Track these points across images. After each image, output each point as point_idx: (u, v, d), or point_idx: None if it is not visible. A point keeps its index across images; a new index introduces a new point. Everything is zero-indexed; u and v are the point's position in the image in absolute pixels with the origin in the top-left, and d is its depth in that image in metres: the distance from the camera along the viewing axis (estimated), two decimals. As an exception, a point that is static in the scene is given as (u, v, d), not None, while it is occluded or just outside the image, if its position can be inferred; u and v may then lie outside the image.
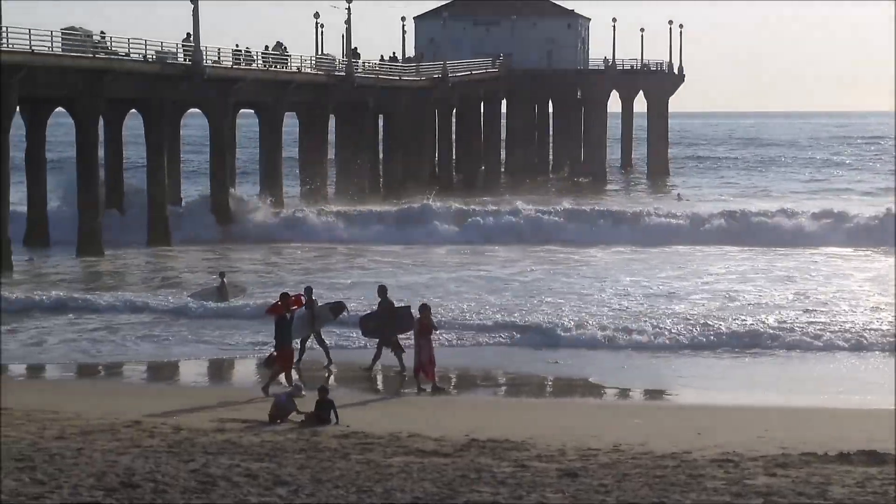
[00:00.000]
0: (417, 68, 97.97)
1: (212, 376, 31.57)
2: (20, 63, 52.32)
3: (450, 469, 17.93)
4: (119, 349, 34.32)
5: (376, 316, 31.16)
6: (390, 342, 30.34)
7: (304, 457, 18.75)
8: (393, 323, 30.45)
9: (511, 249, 59.32)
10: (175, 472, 16.88)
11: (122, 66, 59.55)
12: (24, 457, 17.64)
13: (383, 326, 30.59)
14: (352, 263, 54.90)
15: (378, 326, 30.81)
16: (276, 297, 30.00)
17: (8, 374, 31.19)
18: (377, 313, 31.22)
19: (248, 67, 71.77)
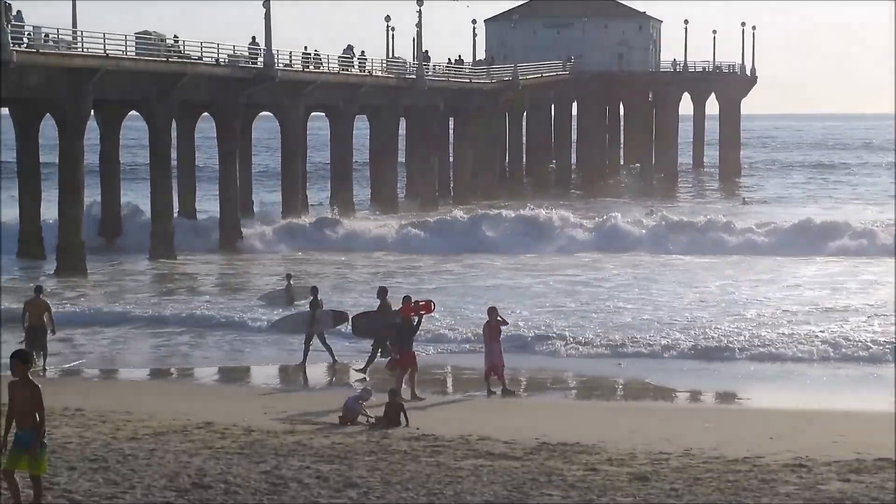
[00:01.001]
0: (488, 71, 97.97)
1: (283, 379, 31.68)
2: (95, 67, 52.87)
3: (520, 472, 17.89)
4: (194, 351, 34.55)
5: (369, 316, 31.43)
6: (383, 345, 30.43)
7: (375, 459, 18.78)
8: (382, 325, 30.51)
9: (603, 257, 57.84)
10: (246, 473, 16.96)
11: (195, 69, 59.98)
12: (97, 457, 17.80)
13: (377, 327, 30.71)
14: (438, 269, 54.24)
15: (370, 327, 31.02)
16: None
17: (83, 375, 31.53)
18: (371, 314, 31.49)
19: (319, 71, 72.09)
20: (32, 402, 14.11)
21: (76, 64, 52.50)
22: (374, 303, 32.07)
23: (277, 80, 65.37)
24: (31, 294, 32.34)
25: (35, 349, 29.42)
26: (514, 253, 58.84)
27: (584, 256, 57.93)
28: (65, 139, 53.84)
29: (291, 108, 70.17)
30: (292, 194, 71.84)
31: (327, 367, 31.96)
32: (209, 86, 62.95)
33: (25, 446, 14.05)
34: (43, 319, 30.76)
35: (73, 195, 53.34)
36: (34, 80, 51.39)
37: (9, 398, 14.26)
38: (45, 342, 30.74)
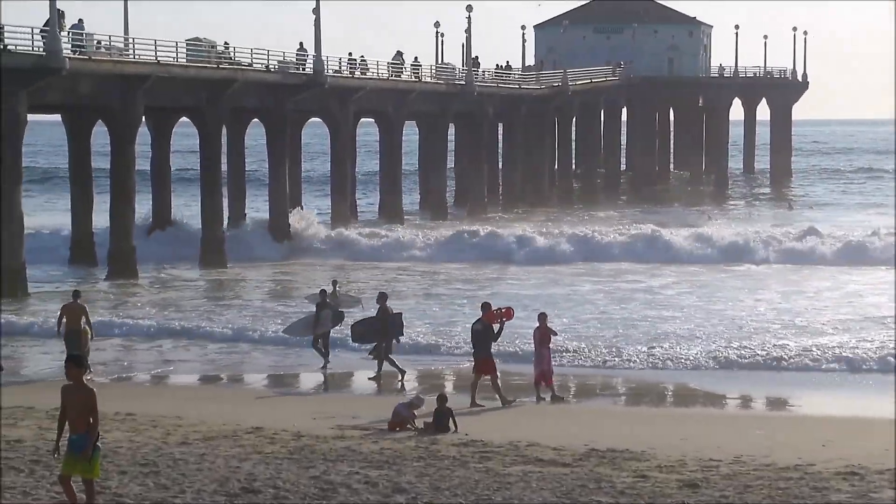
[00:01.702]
0: (537, 76, 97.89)
1: (332, 384, 31.74)
2: (146, 73, 53.21)
3: (569, 478, 17.84)
4: (243, 357, 34.69)
5: (368, 322, 31.60)
6: (383, 347, 30.77)
7: (423, 465, 18.77)
8: (383, 330, 30.84)
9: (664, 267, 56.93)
10: (295, 478, 17.00)
11: (246, 76, 60.27)
12: (148, 462, 17.89)
13: (374, 332, 30.97)
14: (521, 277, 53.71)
15: (368, 332, 31.23)
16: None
17: (135, 380, 31.70)
18: (369, 319, 31.67)
19: (368, 77, 72.25)
20: (86, 406, 14.18)
21: (128, 70, 52.88)
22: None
23: (327, 86, 65.59)
24: (69, 298, 32.19)
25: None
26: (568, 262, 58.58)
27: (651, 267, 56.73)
28: (116, 145, 54.22)
29: (340, 115, 70.39)
30: (341, 201, 72.01)
31: (319, 369, 32.34)
32: (259, 92, 63.24)
33: (78, 450, 14.13)
34: (80, 324, 30.37)
35: (125, 201, 53.69)
36: (86, 86, 51.80)
37: (62, 402, 14.34)
38: (84, 347, 30.17)
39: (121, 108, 53.16)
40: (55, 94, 50.17)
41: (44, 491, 15.54)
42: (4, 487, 15.75)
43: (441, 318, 41.23)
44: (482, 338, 27.50)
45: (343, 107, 70.07)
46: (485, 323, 27.56)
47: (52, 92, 49.67)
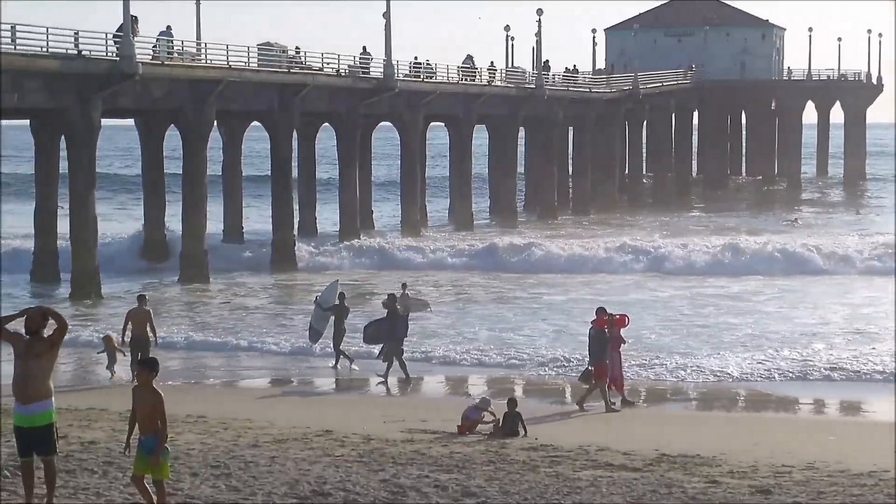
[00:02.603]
0: (608, 80, 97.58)
1: (402, 387, 31.77)
2: (218, 78, 53.58)
3: (639, 483, 17.75)
4: (313, 361, 34.82)
5: (377, 323, 32.09)
6: (391, 348, 31.26)
7: (493, 469, 18.74)
8: (392, 330, 31.39)
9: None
10: (365, 481, 17.02)
11: (316, 80, 60.52)
12: (219, 464, 17.99)
13: (382, 333, 31.51)
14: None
15: (377, 333, 31.72)
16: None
17: (206, 383, 31.91)
18: (379, 321, 32.18)
19: (438, 81, 72.33)
20: (154, 410, 14.30)
21: (199, 75, 53.27)
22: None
23: (397, 90, 65.73)
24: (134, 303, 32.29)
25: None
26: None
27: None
28: (188, 150, 54.63)
29: (410, 119, 70.50)
30: (412, 206, 72.07)
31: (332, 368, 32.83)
32: (330, 96, 63.50)
33: (148, 452, 14.25)
34: (146, 329, 30.29)
35: (197, 205, 54.06)
36: (158, 91, 52.23)
37: (133, 403, 14.47)
38: (149, 353, 29.70)
39: (193, 113, 53.56)
40: (128, 98, 50.64)
41: (116, 492, 15.67)
42: (79, 488, 15.90)
43: (515, 324, 41.28)
44: (595, 343, 27.44)
45: (413, 111, 70.19)
46: (598, 329, 27.51)
47: (125, 97, 50.15)
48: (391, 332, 31.53)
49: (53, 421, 14.55)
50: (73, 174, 48.89)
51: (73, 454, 18.20)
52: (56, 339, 14.44)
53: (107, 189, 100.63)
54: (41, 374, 14.38)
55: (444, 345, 36.65)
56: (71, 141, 48.82)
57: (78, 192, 48.68)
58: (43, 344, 14.38)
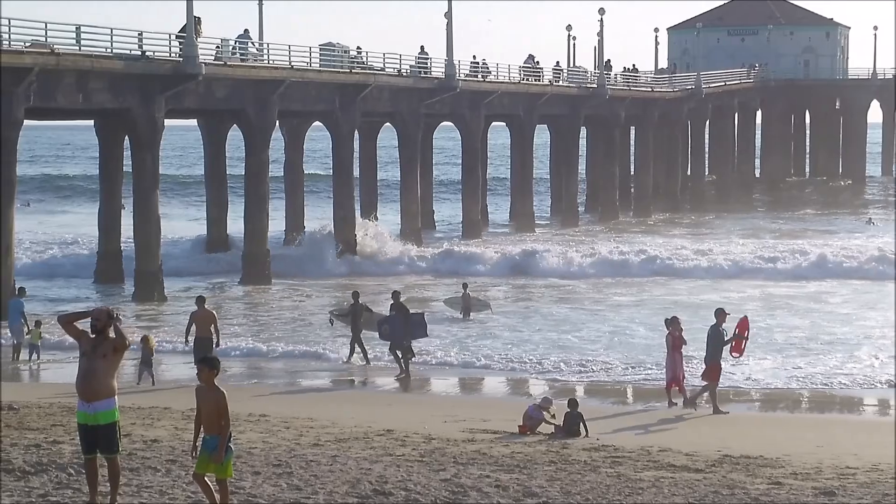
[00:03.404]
0: (670, 79, 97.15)
1: (463, 387, 31.78)
2: (280, 78, 53.82)
3: (701, 485, 17.64)
4: (373, 360, 34.88)
5: (391, 320, 32.40)
6: (402, 346, 31.73)
7: (554, 469, 18.69)
8: (406, 328, 31.82)
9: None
10: (426, 481, 17.01)
11: (378, 80, 60.66)
12: (281, 463, 18.04)
13: (396, 331, 31.91)
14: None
15: (392, 330, 32.10)
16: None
17: (268, 383, 32.05)
18: (392, 318, 32.47)
19: (499, 80, 72.26)
20: (217, 408, 14.35)
21: (262, 76, 53.54)
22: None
23: (459, 90, 65.75)
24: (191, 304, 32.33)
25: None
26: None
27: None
28: (251, 150, 54.89)
29: (472, 119, 70.49)
30: (472, 206, 72.03)
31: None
32: (391, 96, 63.62)
33: (211, 450, 14.31)
34: (210, 331, 30.23)
35: (259, 205, 54.31)
36: (221, 92, 52.53)
37: (196, 403, 14.54)
38: (212, 354, 30.14)
39: (255, 113, 53.83)
40: (191, 99, 50.97)
41: (180, 490, 15.75)
42: (143, 486, 16.00)
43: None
44: (711, 342, 27.33)
45: (474, 111, 70.19)
46: (717, 329, 27.40)
47: (188, 97, 50.49)
48: (405, 328, 31.98)
49: (117, 419, 14.64)
50: (137, 174, 49.28)
51: (137, 452, 18.32)
52: (119, 346, 14.54)
53: (164, 189, 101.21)
54: (105, 373, 14.48)
55: (505, 346, 36.65)
56: (135, 141, 49.20)
57: (141, 192, 49.06)
58: (108, 344, 14.47)
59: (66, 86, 45.40)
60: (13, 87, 42.45)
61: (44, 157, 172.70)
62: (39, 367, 33.92)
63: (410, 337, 32.11)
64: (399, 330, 32.05)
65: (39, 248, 65.64)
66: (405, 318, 32.26)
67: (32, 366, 34.05)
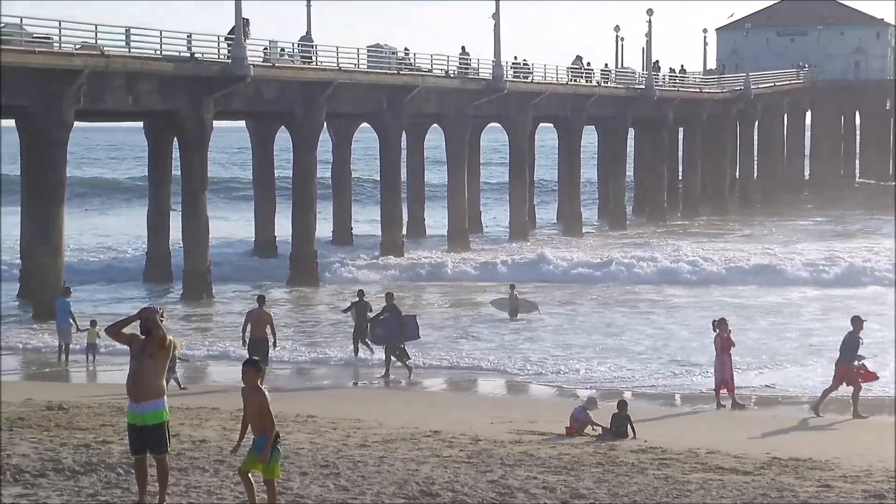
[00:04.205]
0: (719, 80, 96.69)
1: (510, 389, 31.74)
2: (328, 80, 53.95)
3: (750, 487, 17.54)
4: (419, 359, 34.90)
5: (384, 322, 32.43)
6: (395, 348, 31.85)
7: (601, 471, 18.63)
8: (399, 330, 31.92)
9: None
10: (473, 482, 17.00)
11: (426, 81, 60.69)
12: (328, 463, 18.07)
13: (389, 333, 32.05)
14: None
15: (385, 333, 32.22)
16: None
17: (315, 384, 32.12)
18: (385, 320, 32.46)
19: (547, 82, 72.10)
20: (261, 409, 14.41)
21: (310, 77, 53.68)
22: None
23: (506, 91, 65.69)
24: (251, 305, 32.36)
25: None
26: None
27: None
28: (298, 152, 55.05)
29: (519, 120, 70.40)
30: (520, 208, 71.89)
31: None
32: (439, 98, 63.65)
33: (259, 450, 14.36)
34: (265, 331, 30.31)
35: (307, 206, 54.44)
36: (269, 93, 52.71)
37: (243, 405, 14.60)
38: (267, 355, 29.80)
39: (303, 115, 53.98)
40: (240, 100, 51.18)
41: (228, 490, 15.81)
42: (191, 486, 16.07)
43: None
44: (847, 349, 27.18)
45: (522, 112, 70.10)
46: (853, 336, 27.18)
47: (237, 99, 50.70)
48: (401, 330, 32.12)
49: (166, 419, 14.71)
50: (186, 176, 49.55)
51: (185, 452, 18.40)
52: (160, 343, 14.59)
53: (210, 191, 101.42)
54: (152, 373, 14.55)
55: (551, 348, 36.60)
56: (183, 142, 49.46)
57: (190, 193, 49.31)
58: (154, 344, 14.56)
59: (116, 88, 45.69)
60: (64, 89, 42.78)
61: (98, 159, 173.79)
62: (96, 368, 34.01)
63: (404, 338, 32.24)
64: (393, 332, 32.17)
65: (90, 249, 66.03)
66: (399, 320, 32.28)
67: (90, 367, 34.17)
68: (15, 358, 36.51)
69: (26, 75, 42.10)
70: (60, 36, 43.19)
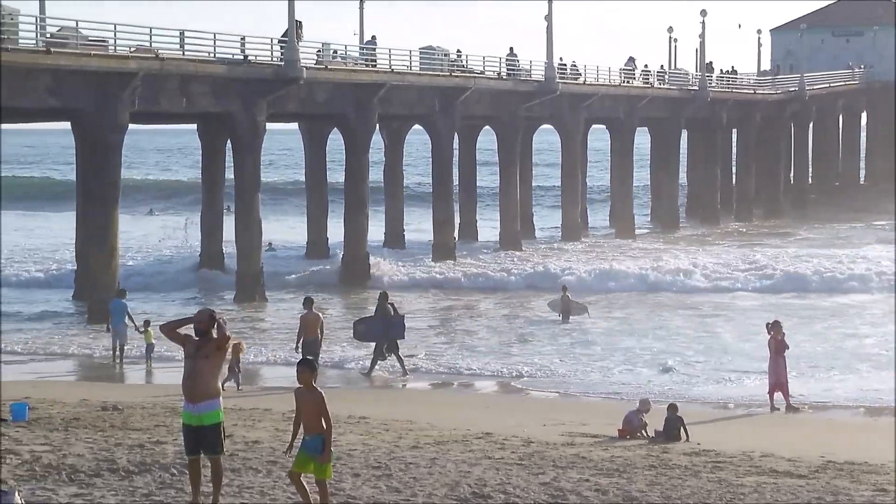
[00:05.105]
0: (773, 81, 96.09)
1: (561, 391, 31.65)
2: (380, 82, 54.05)
3: (804, 491, 17.42)
4: (472, 362, 34.89)
5: (369, 321, 32.77)
6: (383, 347, 31.99)
7: (654, 473, 18.56)
8: (382, 330, 32.06)
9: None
10: (525, 484, 16.97)
11: (478, 83, 60.68)
12: (381, 465, 18.09)
13: (376, 331, 32.25)
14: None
15: (369, 330, 32.47)
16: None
17: (367, 385, 32.18)
18: (371, 318, 32.85)
19: (599, 83, 71.90)
20: (317, 409, 14.44)
21: (362, 79, 53.79)
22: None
23: (558, 93, 65.56)
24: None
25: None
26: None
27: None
28: (351, 153, 55.17)
29: (571, 121, 70.24)
30: (572, 210, 71.68)
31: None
32: (491, 99, 63.61)
33: (310, 451, 14.39)
34: (317, 333, 30.49)
35: (359, 208, 54.55)
36: (322, 95, 52.85)
37: (296, 404, 14.64)
38: (318, 356, 29.92)
39: (355, 117, 54.11)
40: (293, 102, 51.35)
41: (280, 491, 15.86)
42: (244, 486, 16.14)
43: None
44: None
45: (574, 113, 69.94)
46: None
47: (289, 101, 50.87)
48: (384, 331, 32.23)
49: (221, 420, 14.78)
50: (239, 177, 49.74)
51: (238, 453, 18.48)
52: (221, 343, 14.67)
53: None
54: (209, 374, 14.62)
55: (600, 351, 36.49)
56: (236, 144, 49.67)
57: (243, 194, 49.50)
58: (211, 345, 14.62)
59: (170, 90, 45.97)
60: (119, 92, 43.08)
61: (157, 161, 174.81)
62: (152, 368, 34.22)
63: (385, 338, 32.27)
64: (376, 331, 32.39)
65: (142, 250, 66.44)
66: (385, 320, 32.37)
67: (148, 366, 34.38)
68: (70, 359, 36.80)
69: (82, 78, 42.44)
70: (115, 39, 43.51)
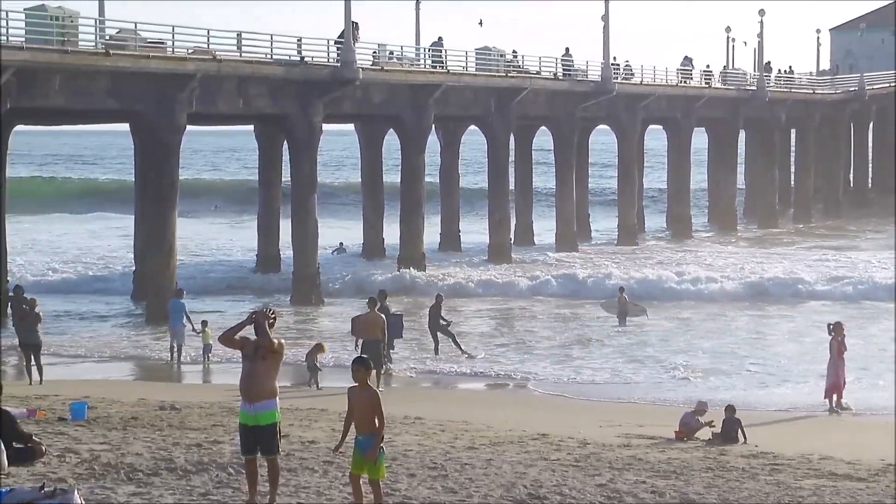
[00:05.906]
0: (832, 81, 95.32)
1: (617, 393, 31.54)
2: (436, 83, 54.08)
3: (864, 494, 17.25)
4: (525, 364, 34.85)
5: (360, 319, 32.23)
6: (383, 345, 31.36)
7: (712, 476, 18.44)
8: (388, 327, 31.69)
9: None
10: (581, 486, 16.91)
11: (534, 84, 60.58)
12: (436, 465, 18.08)
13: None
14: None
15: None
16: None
17: (424, 385, 32.19)
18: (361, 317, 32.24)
19: (656, 83, 71.59)
20: (371, 408, 14.45)
21: (418, 80, 53.85)
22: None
23: (615, 93, 65.33)
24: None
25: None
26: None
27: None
28: (407, 154, 55.25)
29: (628, 122, 69.99)
30: (629, 211, 71.33)
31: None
32: (547, 100, 63.49)
33: (364, 451, 14.39)
34: (378, 333, 30.32)
35: (415, 209, 54.61)
36: (378, 96, 52.94)
37: (349, 403, 14.65)
38: (381, 358, 29.79)
39: (411, 117, 54.17)
40: (349, 104, 51.46)
41: (336, 491, 15.88)
42: (300, 486, 16.17)
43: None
44: None
45: (631, 114, 69.69)
46: None
47: (346, 102, 50.98)
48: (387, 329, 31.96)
49: (278, 420, 14.82)
50: (295, 178, 49.86)
51: (294, 453, 18.53)
52: (270, 347, 14.70)
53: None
54: (266, 375, 14.67)
55: (658, 353, 36.34)
56: (293, 145, 49.80)
57: (299, 195, 49.63)
58: (269, 346, 14.67)
59: (227, 91, 46.18)
60: (177, 93, 43.32)
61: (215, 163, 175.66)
62: (210, 367, 34.36)
63: (389, 337, 32.23)
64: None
65: (199, 252, 66.79)
66: (387, 318, 32.27)
67: (205, 366, 34.54)
68: (129, 358, 37.04)
69: (140, 80, 42.71)
70: (173, 40, 43.76)
